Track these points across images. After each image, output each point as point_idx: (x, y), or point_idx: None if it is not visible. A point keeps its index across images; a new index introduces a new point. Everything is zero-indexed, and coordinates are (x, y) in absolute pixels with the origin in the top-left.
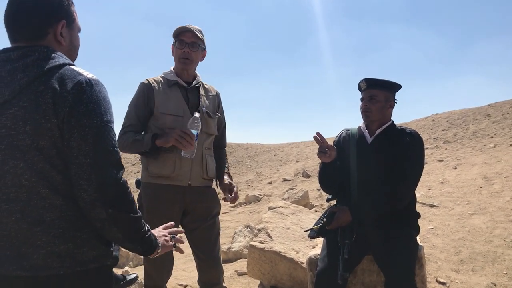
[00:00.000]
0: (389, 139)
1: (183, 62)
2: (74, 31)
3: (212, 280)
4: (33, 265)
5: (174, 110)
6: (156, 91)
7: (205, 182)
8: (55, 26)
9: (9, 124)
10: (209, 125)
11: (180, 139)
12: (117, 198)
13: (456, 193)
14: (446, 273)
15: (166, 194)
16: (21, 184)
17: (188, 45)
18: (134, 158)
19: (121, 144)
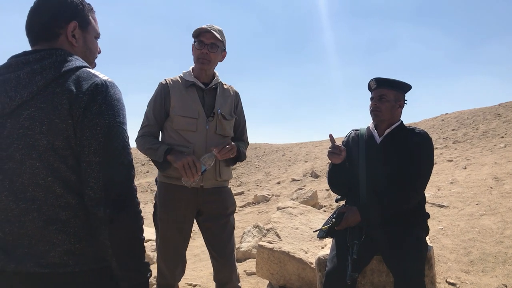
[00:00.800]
0: (398, 139)
1: (202, 62)
2: (89, 34)
3: (225, 278)
4: (50, 262)
5: (189, 112)
6: (173, 92)
7: (218, 183)
8: (66, 26)
9: (26, 124)
10: (224, 127)
11: (187, 168)
12: (121, 199)
13: (466, 194)
14: (456, 274)
15: (179, 194)
16: (37, 183)
17: (207, 46)
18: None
19: (139, 146)
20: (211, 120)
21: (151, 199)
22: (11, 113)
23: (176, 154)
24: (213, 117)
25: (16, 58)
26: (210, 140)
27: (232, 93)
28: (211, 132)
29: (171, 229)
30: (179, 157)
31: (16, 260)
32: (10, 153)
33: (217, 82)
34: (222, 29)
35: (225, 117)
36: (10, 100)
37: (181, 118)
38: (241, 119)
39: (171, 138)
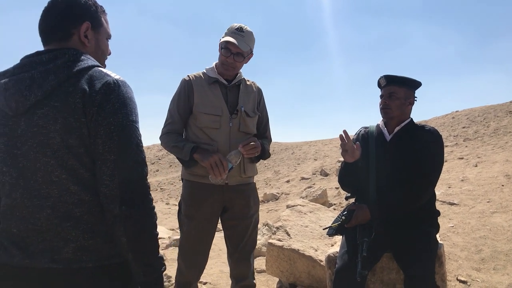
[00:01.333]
0: (408, 137)
1: (226, 69)
2: (101, 35)
3: (241, 275)
4: (64, 258)
5: (212, 110)
6: (196, 89)
7: (243, 180)
8: (79, 27)
9: (40, 123)
10: (247, 125)
11: (214, 166)
12: (136, 196)
13: (477, 191)
14: (467, 271)
15: (204, 191)
16: (51, 181)
17: (233, 55)
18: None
19: (163, 143)
20: (234, 118)
21: (160, 198)
22: (25, 112)
23: (203, 152)
24: (236, 114)
25: (30, 58)
26: (233, 137)
27: (255, 90)
28: (235, 130)
29: (195, 227)
30: (206, 156)
31: (31, 256)
32: (25, 151)
33: (240, 79)
34: (252, 31)
35: (248, 114)
36: (24, 99)
37: (204, 115)
38: (264, 116)
39: (195, 135)
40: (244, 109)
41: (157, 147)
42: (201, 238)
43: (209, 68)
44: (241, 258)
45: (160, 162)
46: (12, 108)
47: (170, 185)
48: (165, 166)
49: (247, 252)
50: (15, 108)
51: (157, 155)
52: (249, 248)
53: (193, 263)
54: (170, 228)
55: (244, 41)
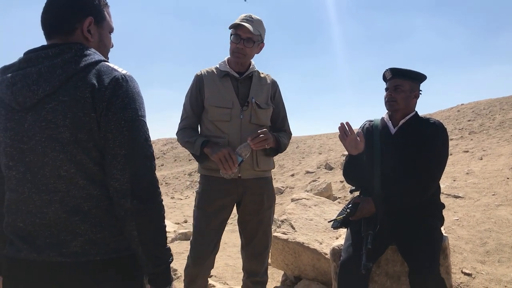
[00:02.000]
0: (413, 130)
1: (237, 56)
2: (104, 30)
3: (254, 270)
4: (72, 251)
5: (223, 102)
6: (207, 83)
7: (258, 174)
8: (82, 22)
9: (49, 117)
10: (259, 117)
11: (223, 161)
12: (146, 190)
13: (482, 184)
14: (471, 264)
15: (218, 185)
16: (59, 175)
17: (244, 41)
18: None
19: (179, 139)
20: (245, 110)
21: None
22: (32, 107)
23: (212, 146)
24: (247, 106)
25: (36, 52)
26: (244, 129)
27: (269, 82)
28: (246, 122)
29: (207, 220)
30: (215, 150)
31: (38, 250)
32: (32, 145)
33: (252, 71)
34: (261, 19)
35: (260, 105)
36: (32, 93)
37: (215, 108)
38: (280, 109)
39: (207, 129)
40: (256, 101)
41: (162, 142)
42: (211, 231)
43: (221, 62)
44: (255, 253)
45: (165, 157)
46: (20, 102)
47: (175, 179)
48: (170, 161)
49: (261, 247)
50: (22, 103)
51: (162, 150)
52: (263, 244)
53: (202, 256)
54: (175, 222)
55: (253, 26)
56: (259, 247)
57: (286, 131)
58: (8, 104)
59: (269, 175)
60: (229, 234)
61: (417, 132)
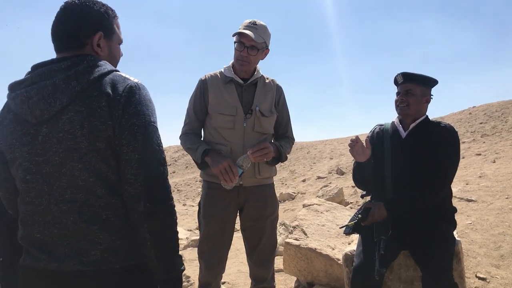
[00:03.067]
0: (423, 134)
1: (241, 64)
2: (113, 42)
3: (260, 277)
4: (91, 260)
5: (226, 109)
6: (211, 88)
7: (259, 181)
8: (92, 37)
9: (66, 128)
10: (262, 125)
11: (224, 173)
12: (159, 194)
13: (495, 187)
14: (486, 268)
15: (220, 192)
16: (77, 185)
17: (247, 49)
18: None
19: (182, 144)
20: (249, 118)
21: (177, 199)
22: (49, 119)
23: (213, 156)
24: (251, 114)
25: (48, 66)
26: (247, 137)
27: (273, 88)
28: (249, 130)
29: (213, 227)
30: (216, 162)
31: (58, 260)
32: (48, 157)
33: (257, 78)
34: (266, 25)
35: (264, 114)
36: (49, 106)
37: (219, 115)
38: (283, 115)
39: (210, 135)
40: (259, 109)
41: (173, 149)
42: (218, 239)
43: (226, 67)
44: (260, 260)
45: (176, 164)
46: (37, 116)
47: (187, 186)
48: (181, 168)
49: (266, 254)
50: (40, 116)
51: (173, 157)
52: (267, 250)
53: (211, 263)
54: (187, 229)
55: (257, 33)
56: (264, 253)
57: (289, 137)
58: (24, 119)
59: (271, 181)
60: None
61: (428, 136)
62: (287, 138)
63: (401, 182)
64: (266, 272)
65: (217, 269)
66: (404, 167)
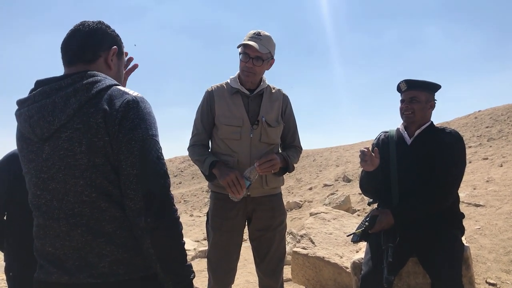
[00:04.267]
0: (429, 140)
1: (246, 75)
2: (122, 62)
3: (267, 287)
4: (101, 272)
5: (233, 121)
6: (217, 100)
7: (267, 192)
8: (107, 51)
9: (66, 146)
10: (269, 135)
11: (231, 185)
12: (160, 208)
13: (503, 192)
14: (496, 274)
15: (228, 203)
16: (82, 200)
17: (252, 60)
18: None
19: (190, 156)
20: (255, 128)
21: (184, 210)
22: (50, 137)
23: (221, 168)
24: (257, 124)
25: (50, 85)
26: (254, 148)
27: (280, 98)
28: (256, 140)
29: (221, 238)
30: (223, 174)
31: (69, 273)
32: (52, 174)
33: (263, 88)
34: (270, 35)
35: (270, 124)
36: (49, 124)
37: (225, 127)
38: (290, 125)
39: (217, 146)
40: (266, 119)
41: (179, 160)
42: (226, 249)
43: (232, 77)
44: (269, 270)
45: (182, 174)
46: (38, 134)
47: (193, 196)
48: (187, 178)
49: (275, 264)
50: (40, 134)
51: (179, 168)
52: (276, 260)
53: (219, 274)
54: (195, 239)
55: (262, 44)
56: (273, 263)
57: (296, 146)
58: (28, 137)
59: (279, 191)
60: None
61: (433, 142)
62: (294, 147)
63: (408, 188)
64: (275, 282)
65: (225, 280)
66: (410, 174)
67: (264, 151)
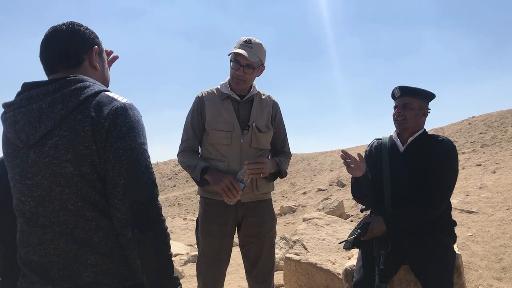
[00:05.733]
0: (421, 147)
1: (237, 82)
2: (103, 58)
3: None
4: (85, 282)
5: (223, 126)
6: (208, 105)
7: (257, 197)
8: (90, 52)
9: (51, 153)
10: (259, 141)
11: (226, 190)
12: (147, 219)
13: (496, 198)
14: (487, 281)
15: (218, 208)
16: (67, 209)
17: (243, 68)
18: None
19: (180, 162)
20: (245, 133)
21: (178, 213)
22: (35, 143)
23: (213, 174)
24: (248, 130)
25: (36, 89)
26: (244, 153)
27: (269, 104)
28: (246, 145)
29: (211, 244)
30: (217, 179)
31: (52, 282)
32: (37, 181)
33: (253, 94)
34: (261, 42)
35: (261, 129)
36: (35, 131)
37: (216, 132)
38: (280, 131)
39: (207, 152)
40: (256, 125)
41: (174, 162)
42: (216, 256)
43: (222, 83)
44: (260, 277)
45: (177, 177)
46: (23, 140)
47: (188, 200)
48: (182, 181)
49: (266, 271)
50: (26, 140)
51: (173, 170)
52: (267, 267)
53: (209, 281)
54: (188, 244)
55: (252, 52)
56: (264, 270)
57: (285, 152)
58: (13, 142)
59: (269, 197)
60: None
61: (426, 150)
62: (284, 153)
63: (400, 196)
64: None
65: (215, 286)
66: (402, 181)
67: (254, 156)
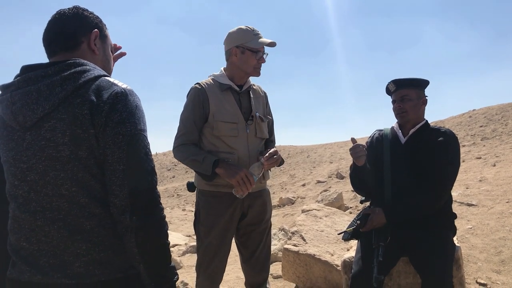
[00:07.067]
0: (423, 139)
1: (258, 72)
2: (107, 45)
3: (258, 282)
4: (76, 273)
5: (229, 117)
6: (210, 97)
7: (262, 186)
8: (89, 34)
9: (48, 136)
10: (262, 130)
11: (241, 183)
12: (146, 206)
13: (496, 191)
14: (486, 274)
15: (226, 200)
16: (61, 194)
17: (263, 57)
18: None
19: (179, 156)
20: (250, 124)
21: (177, 204)
22: (32, 126)
23: (226, 167)
24: (252, 120)
25: (35, 72)
26: (251, 144)
27: (262, 94)
28: (252, 136)
29: (215, 237)
30: (232, 172)
31: (42, 271)
32: (32, 164)
33: (250, 84)
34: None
35: (262, 119)
36: (32, 112)
37: (222, 124)
38: (270, 120)
39: (212, 145)
40: (259, 115)
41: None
42: (219, 248)
43: (217, 74)
44: (258, 266)
45: (176, 168)
46: (20, 122)
47: (187, 191)
48: (181, 172)
49: (263, 259)
50: (22, 122)
51: (173, 161)
52: (265, 255)
53: (210, 273)
54: (186, 234)
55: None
56: (262, 258)
57: (273, 141)
58: (9, 124)
59: (267, 186)
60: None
61: (428, 142)
62: (271, 142)
63: (401, 188)
64: (263, 277)
65: (216, 277)
66: (403, 173)
67: (258, 146)
